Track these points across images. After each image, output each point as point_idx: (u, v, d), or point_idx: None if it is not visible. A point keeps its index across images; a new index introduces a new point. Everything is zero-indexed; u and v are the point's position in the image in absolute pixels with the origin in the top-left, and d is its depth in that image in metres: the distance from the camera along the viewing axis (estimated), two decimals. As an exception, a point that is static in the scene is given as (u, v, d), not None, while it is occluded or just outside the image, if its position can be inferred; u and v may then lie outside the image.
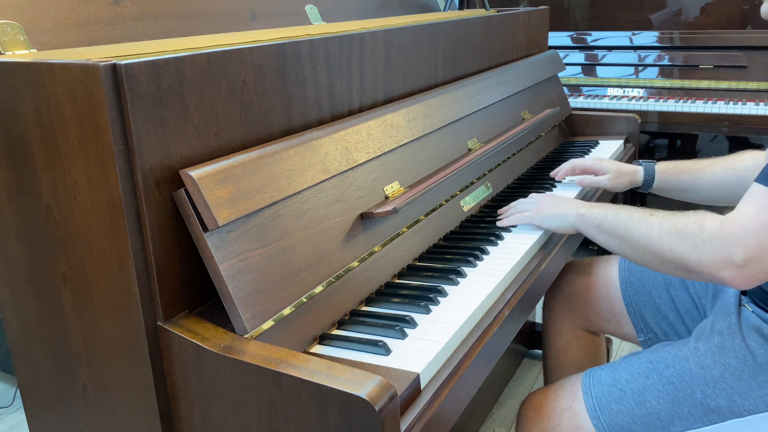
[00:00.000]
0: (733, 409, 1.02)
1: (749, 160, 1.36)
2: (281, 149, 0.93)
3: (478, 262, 1.14)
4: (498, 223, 1.30)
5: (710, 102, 2.45)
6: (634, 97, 2.59)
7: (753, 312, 1.10)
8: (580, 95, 2.67)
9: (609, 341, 1.78)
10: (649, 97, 2.57)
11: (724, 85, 2.49)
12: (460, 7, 3.05)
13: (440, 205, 1.27)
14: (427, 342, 0.89)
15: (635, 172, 1.47)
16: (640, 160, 1.51)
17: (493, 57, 1.72)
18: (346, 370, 0.73)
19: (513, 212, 1.30)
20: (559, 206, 1.24)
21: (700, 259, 0.95)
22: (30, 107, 0.81)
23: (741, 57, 2.45)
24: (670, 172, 1.45)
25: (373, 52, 1.18)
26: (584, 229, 1.18)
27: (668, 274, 1.06)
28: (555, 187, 1.53)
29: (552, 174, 1.56)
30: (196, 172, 0.80)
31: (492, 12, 1.91)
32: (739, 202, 1.40)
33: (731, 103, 2.41)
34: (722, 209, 1.03)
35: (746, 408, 1.01)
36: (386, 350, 0.86)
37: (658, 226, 1.02)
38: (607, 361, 1.67)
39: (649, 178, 1.46)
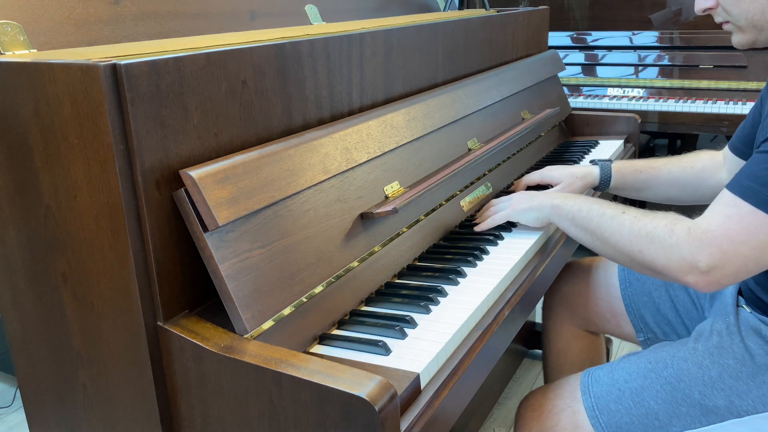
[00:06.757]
0: (732, 410, 1.02)
1: (706, 160, 1.37)
2: (281, 149, 0.93)
3: (478, 262, 1.14)
4: (475, 228, 1.26)
5: (710, 102, 2.45)
6: (634, 97, 2.59)
7: (751, 313, 1.10)
8: (580, 95, 2.67)
9: (609, 341, 1.78)
10: (649, 97, 2.57)
11: (724, 85, 2.48)
12: (460, 7, 3.05)
13: (440, 205, 1.27)
14: (427, 342, 0.89)
15: (588, 174, 1.44)
16: (596, 159, 1.48)
17: (493, 57, 1.72)
18: (346, 370, 0.73)
19: (489, 213, 1.29)
20: (533, 199, 1.22)
21: (666, 264, 0.96)
22: (30, 107, 0.81)
23: (741, 57, 2.45)
24: (626, 171, 1.43)
25: (373, 52, 1.18)
26: (558, 221, 1.18)
27: (636, 272, 1.05)
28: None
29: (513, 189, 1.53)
30: (196, 172, 0.80)
31: (492, 12, 1.91)
32: (694, 200, 1.40)
33: (731, 103, 2.41)
34: (686, 210, 1.02)
35: (744, 408, 1.01)
36: (386, 350, 0.86)
37: (629, 226, 1.02)
38: (607, 361, 1.67)
39: (606, 178, 1.44)
